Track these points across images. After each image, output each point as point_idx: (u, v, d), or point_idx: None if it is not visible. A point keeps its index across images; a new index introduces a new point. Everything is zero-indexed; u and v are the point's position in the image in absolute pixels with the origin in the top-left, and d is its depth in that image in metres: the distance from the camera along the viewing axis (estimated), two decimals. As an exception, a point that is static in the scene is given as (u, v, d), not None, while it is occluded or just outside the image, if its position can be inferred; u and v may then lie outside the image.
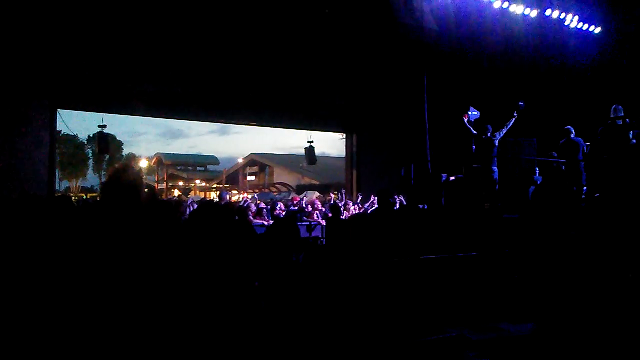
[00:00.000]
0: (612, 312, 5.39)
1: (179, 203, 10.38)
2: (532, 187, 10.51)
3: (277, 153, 52.11)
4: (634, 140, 9.44)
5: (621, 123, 9.41)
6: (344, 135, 18.56)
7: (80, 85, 12.83)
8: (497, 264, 7.05)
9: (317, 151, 17.57)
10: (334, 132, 19.55)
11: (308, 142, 17.27)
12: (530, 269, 6.89)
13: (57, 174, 35.42)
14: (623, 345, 4.87)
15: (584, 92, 13.39)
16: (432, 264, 6.52)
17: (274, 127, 19.07)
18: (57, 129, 14.71)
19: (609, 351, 4.83)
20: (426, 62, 12.98)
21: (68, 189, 48.78)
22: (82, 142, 49.58)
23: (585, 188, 10.14)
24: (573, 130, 10.49)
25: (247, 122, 17.53)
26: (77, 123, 69.88)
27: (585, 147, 10.50)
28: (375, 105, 16.23)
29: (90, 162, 50.96)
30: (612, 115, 9.48)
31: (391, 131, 15.97)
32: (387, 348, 3.76)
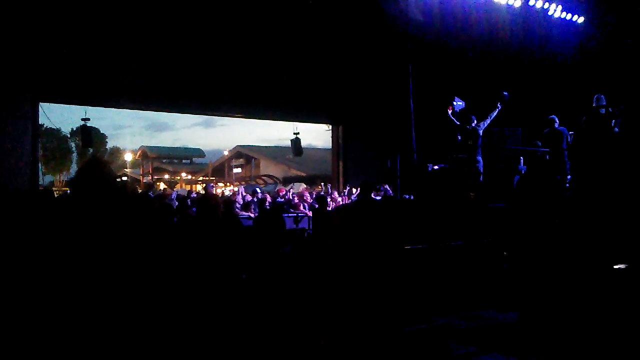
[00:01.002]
0: (596, 300, 5.46)
1: (163, 196, 10.33)
2: (517, 177, 10.59)
3: (264, 145, 51.94)
4: (617, 129, 9.53)
5: (604, 112, 9.49)
6: (330, 127, 18.55)
7: (63, 78, 12.66)
8: (483, 253, 7.10)
9: (303, 143, 17.55)
10: (320, 123, 19.52)
11: (294, 133, 17.23)
12: (515, 257, 6.95)
13: (41, 168, 35.01)
14: (607, 331, 4.93)
15: (567, 81, 13.47)
16: (419, 254, 6.55)
17: (259, 119, 19.00)
18: (40, 123, 14.55)
19: (593, 338, 4.89)
20: (411, 52, 12.97)
21: (52, 183, 48.25)
22: (65, 136, 49.02)
23: (569, 177, 10.24)
24: (557, 120, 10.56)
25: (233, 114, 17.44)
26: (60, 116, 68.76)
27: (569, 137, 10.59)
28: (361, 97, 16.22)
29: (74, 155, 50.36)
30: (594, 105, 9.55)
31: (377, 122, 15.97)
32: (374, 338, 3.77)
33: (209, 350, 3.35)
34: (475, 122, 10.61)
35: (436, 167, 11.60)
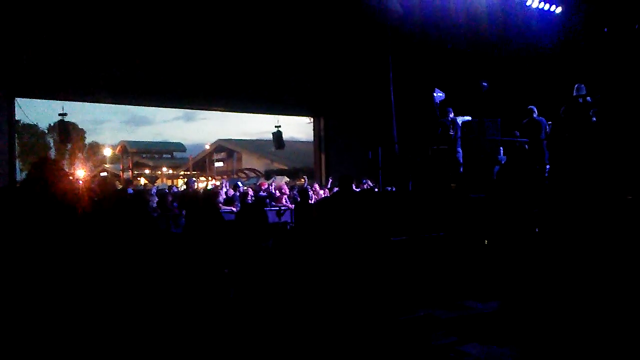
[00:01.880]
0: (575, 288, 5.53)
1: (144, 192, 10.22)
2: (497, 167, 10.68)
3: (245, 138, 51.71)
4: (595, 119, 9.64)
5: (582, 102, 9.59)
6: (312, 119, 18.51)
7: (39, 73, 12.43)
8: (464, 244, 7.16)
9: (285, 136, 17.52)
10: (302, 115, 19.48)
11: (276, 126, 17.18)
12: (495, 247, 7.02)
13: (18, 164, 34.48)
14: (585, 319, 5.00)
15: (546, 71, 13.59)
16: (400, 245, 6.58)
17: (241, 112, 18.91)
18: (16, 119, 14.31)
19: (572, 326, 4.96)
20: (391, 44, 12.97)
21: (30, 179, 47.48)
22: (43, 132, 48.25)
23: (547, 166, 10.35)
24: (536, 110, 10.66)
25: (214, 107, 17.35)
26: (37, 112, 67.67)
27: (547, 126, 10.69)
28: (342, 89, 16.21)
29: (52, 151, 49.60)
30: (574, 94, 9.64)
31: (358, 114, 15.99)
32: (355, 330, 3.78)
33: (191, 345, 3.34)
34: (453, 114, 10.69)
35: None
